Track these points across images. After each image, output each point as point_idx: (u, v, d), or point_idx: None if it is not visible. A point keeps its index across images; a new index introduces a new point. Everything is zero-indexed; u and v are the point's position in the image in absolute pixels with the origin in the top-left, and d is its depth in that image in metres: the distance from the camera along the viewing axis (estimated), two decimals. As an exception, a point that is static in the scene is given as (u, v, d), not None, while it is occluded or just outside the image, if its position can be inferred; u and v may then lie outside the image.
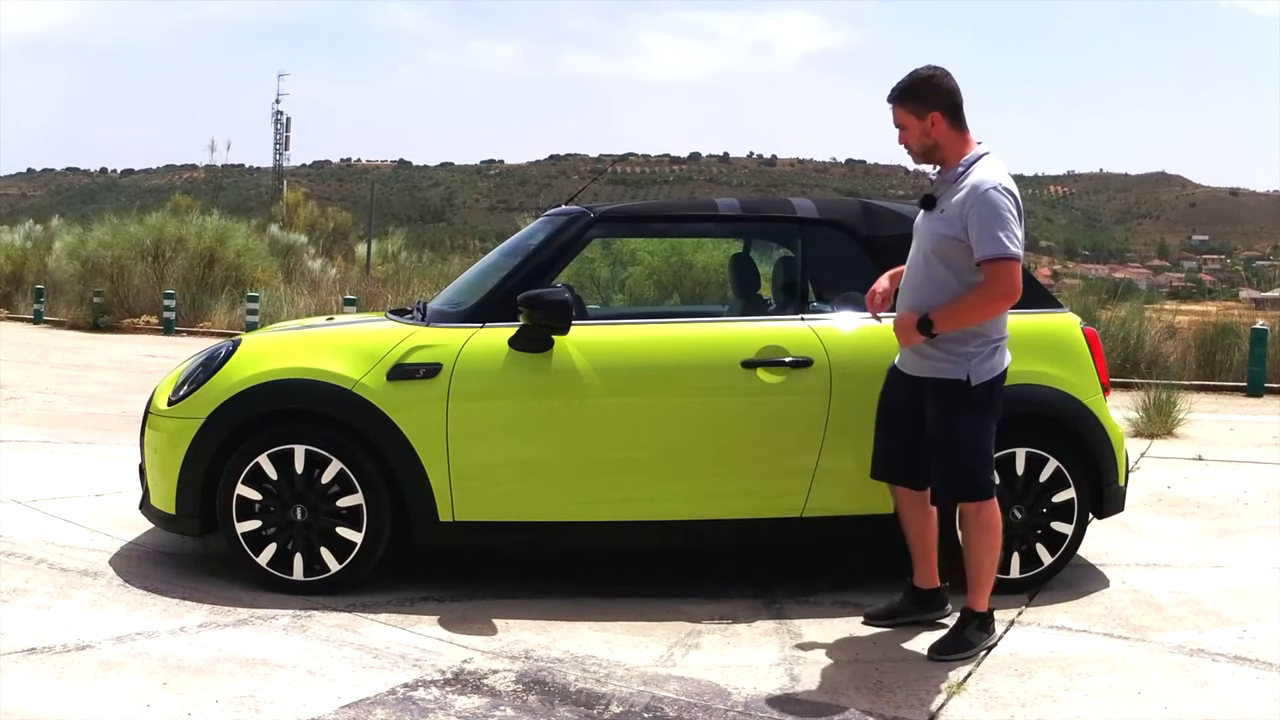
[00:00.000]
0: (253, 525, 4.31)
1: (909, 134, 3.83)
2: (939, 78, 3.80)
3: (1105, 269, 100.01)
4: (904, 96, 3.81)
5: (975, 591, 3.87)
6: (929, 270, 3.80)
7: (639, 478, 4.37)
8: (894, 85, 3.84)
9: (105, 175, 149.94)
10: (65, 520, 5.31)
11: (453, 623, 4.07)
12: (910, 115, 3.80)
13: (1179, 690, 3.57)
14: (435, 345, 4.35)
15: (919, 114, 3.79)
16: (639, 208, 5.42)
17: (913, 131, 3.81)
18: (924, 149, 3.83)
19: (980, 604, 3.87)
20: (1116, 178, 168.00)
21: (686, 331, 4.61)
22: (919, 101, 3.79)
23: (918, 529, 4.07)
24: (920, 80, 3.80)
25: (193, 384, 4.47)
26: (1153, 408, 9.14)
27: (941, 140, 3.79)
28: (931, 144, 3.81)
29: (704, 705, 3.38)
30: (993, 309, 3.71)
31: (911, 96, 3.80)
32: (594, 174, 8.02)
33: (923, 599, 4.12)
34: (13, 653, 3.60)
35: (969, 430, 3.77)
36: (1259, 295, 65.38)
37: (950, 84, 3.80)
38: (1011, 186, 3.72)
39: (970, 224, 3.66)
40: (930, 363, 3.81)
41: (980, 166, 3.75)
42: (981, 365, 3.76)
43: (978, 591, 3.87)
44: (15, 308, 24.07)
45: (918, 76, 3.81)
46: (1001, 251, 3.62)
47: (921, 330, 3.72)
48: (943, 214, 3.76)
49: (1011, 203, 3.68)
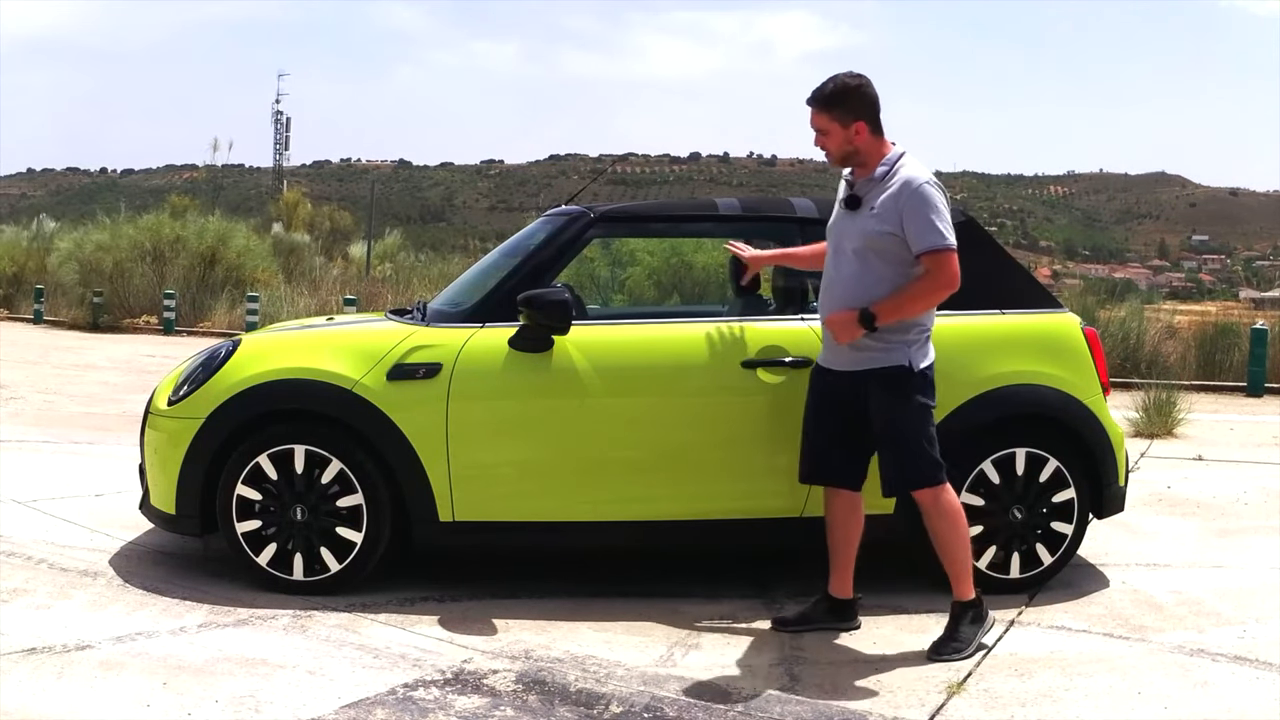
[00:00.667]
0: (253, 525, 4.31)
1: (830, 140, 3.89)
2: (865, 88, 3.87)
3: (1105, 269, 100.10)
4: (830, 104, 3.86)
5: (957, 582, 3.91)
6: (865, 267, 3.84)
7: (639, 478, 4.37)
8: (817, 90, 3.87)
9: (105, 175, 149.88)
10: (65, 520, 5.31)
11: (453, 623, 4.07)
12: (834, 122, 3.87)
13: (1179, 690, 3.57)
14: (435, 345, 4.35)
15: (844, 122, 3.86)
16: (639, 208, 5.42)
17: (835, 138, 3.89)
18: (844, 155, 3.91)
19: (966, 592, 3.91)
20: (1116, 178, 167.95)
21: (686, 332, 4.61)
22: (845, 110, 3.86)
23: (845, 535, 4.09)
24: (849, 90, 3.86)
25: (193, 384, 4.47)
26: (1153, 408, 9.15)
27: (863, 147, 3.88)
28: (852, 150, 3.89)
29: (704, 705, 3.38)
30: (935, 298, 3.84)
31: (838, 105, 3.86)
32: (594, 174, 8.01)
33: (837, 608, 4.13)
34: (13, 653, 3.60)
35: (915, 417, 3.84)
36: (1259, 295, 65.36)
37: (873, 93, 3.89)
38: (938, 182, 3.85)
39: (906, 219, 3.77)
40: (869, 355, 3.85)
41: (906, 165, 3.86)
42: (919, 352, 3.87)
43: (959, 582, 3.91)
44: (16, 308, 24.08)
45: (846, 86, 3.86)
46: (940, 242, 3.75)
47: (864, 324, 3.78)
48: (874, 212, 3.83)
49: (943, 196, 3.83)
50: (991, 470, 4.46)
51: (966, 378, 4.45)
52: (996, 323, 4.63)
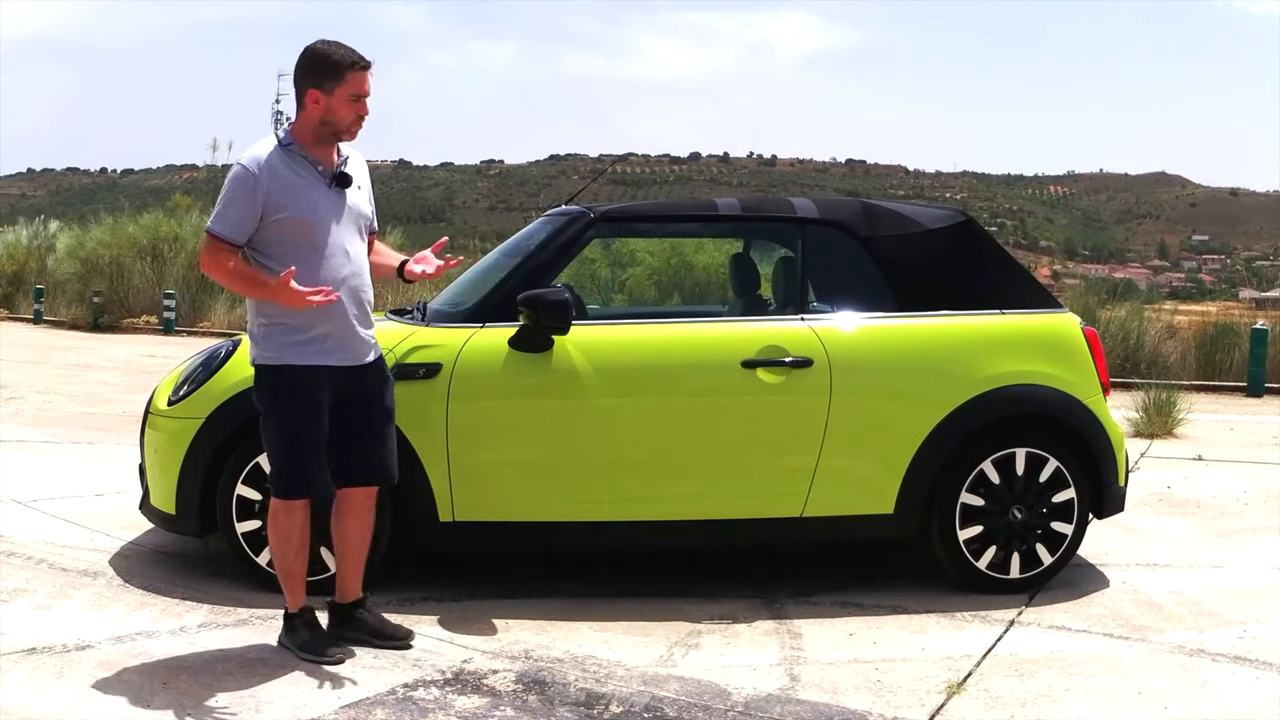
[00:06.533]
0: (253, 525, 4.31)
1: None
2: None
3: (1105, 269, 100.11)
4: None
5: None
6: (364, 248, 3.79)
7: (639, 478, 4.37)
8: (362, 54, 3.62)
9: (105, 175, 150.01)
10: (65, 520, 5.31)
11: (453, 623, 4.07)
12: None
13: (1179, 690, 3.57)
14: (435, 345, 4.35)
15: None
16: (639, 208, 5.42)
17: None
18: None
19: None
20: (1116, 178, 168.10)
21: (686, 331, 4.61)
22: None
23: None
24: None
25: (193, 384, 4.47)
26: (1153, 408, 9.14)
27: None
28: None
29: (704, 705, 3.38)
30: None
31: None
32: (594, 174, 8.02)
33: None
34: (13, 653, 3.60)
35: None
36: (1259, 295, 65.41)
37: None
38: None
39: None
40: (372, 343, 3.78)
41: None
42: None
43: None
44: (16, 308, 24.06)
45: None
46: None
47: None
48: (360, 189, 3.78)
49: None
50: (991, 470, 4.46)
51: (967, 378, 4.46)
52: (997, 323, 4.63)
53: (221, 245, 3.56)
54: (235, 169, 3.57)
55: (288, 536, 3.68)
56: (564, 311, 4.23)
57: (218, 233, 3.55)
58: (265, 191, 3.53)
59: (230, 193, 3.55)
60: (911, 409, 4.43)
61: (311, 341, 3.59)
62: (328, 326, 3.60)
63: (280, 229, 3.56)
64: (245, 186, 3.54)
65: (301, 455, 3.60)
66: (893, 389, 4.46)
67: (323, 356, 3.60)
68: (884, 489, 4.41)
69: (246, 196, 3.53)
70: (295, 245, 3.57)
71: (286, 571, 3.72)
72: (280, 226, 3.56)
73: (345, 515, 3.79)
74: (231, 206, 3.55)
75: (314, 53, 3.61)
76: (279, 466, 3.64)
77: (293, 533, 3.68)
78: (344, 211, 3.68)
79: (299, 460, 3.61)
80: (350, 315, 3.65)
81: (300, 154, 3.62)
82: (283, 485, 3.64)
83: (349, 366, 3.66)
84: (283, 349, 3.59)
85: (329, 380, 3.62)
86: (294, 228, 3.57)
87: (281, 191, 3.55)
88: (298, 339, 3.58)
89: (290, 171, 3.59)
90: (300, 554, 3.72)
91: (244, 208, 3.54)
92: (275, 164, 3.57)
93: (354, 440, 3.70)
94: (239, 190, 3.54)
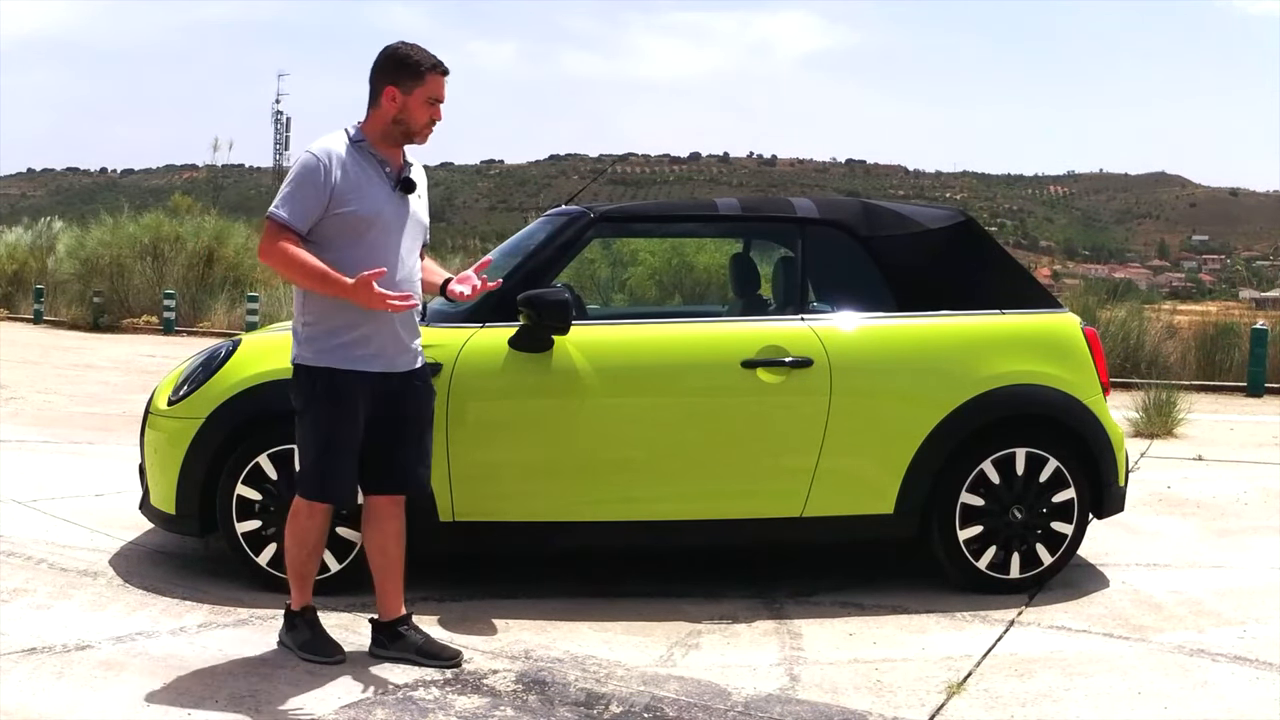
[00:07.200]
0: (253, 525, 4.31)
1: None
2: None
3: (1105, 269, 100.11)
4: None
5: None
6: (418, 257, 3.74)
7: (639, 478, 4.37)
8: (442, 60, 3.62)
9: (105, 175, 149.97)
10: (65, 520, 5.31)
11: (453, 623, 4.07)
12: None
13: (1179, 690, 3.57)
14: (435, 345, 4.34)
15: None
16: (639, 208, 5.43)
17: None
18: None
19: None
20: (1116, 178, 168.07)
21: (686, 331, 4.61)
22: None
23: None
24: None
25: (193, 384, 4.47)
26: (1153, 408, 9.14)
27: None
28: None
29: (704, 705, 3.38)
30: None
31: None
32: (594, 174, 8.02)
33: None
34: (13, 653, 3.60)
35: None
36: (1259, 295, 65.43)
37: None
38: None
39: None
40: (418, 351, 3.72)
41: None
42: None
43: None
44: (16, 308, 24.06)
45: None
46: None
47: None
48: (420, 198, 3.73)
49: None
50: (991, 470, 4.47)
51: (967, 377, 4.46)
52: (996, 323, 4.63)
53: (284, 232, 3.46)
54: (305, 156, 3.50)
55: (304, 538, 3.66)
56: (564, 311, 4.22)
57: (282, 218, 3.46)
58: (334, 182, 3.47)
59: (298, 179, 3.47)
60: (911, 409, 4.44)
61: (355, 345, 3.52)
62: (373, 332, 3.54)
63: (342, 223, 3.49)
64: (315, 174, 3.46)
65: (332, 459, 3.55)
66: (893, 389, 4.46)
67: (364, 363, 3.53)
68: (884, 489, 4.41)
69: (316, 184, 3.46)
70: (354, 242, 3.50)
71: (296, 570, 3.70)
72: (343, 220, 3.49)
73: (373, 524, 3.71)
74: (299, 193, 3.47)
75: (395, 53, 3.58)
76: (307, 467, 3.60)
77: (310, 535, 3.66)
78: (405, 216, 3.63)
79: (329, 464, 3.55)
80: (396, 323, 3.58)
81: (370, 151, 3.57)
82: (308, 486, 3.61)
83: (390, 373, 3.60)
84: (324, 352, 3.52)
85: (368, 386, 3.54)
86: (356, 223, 3.50)
87: (349, 185, 3.49)
88: (341, 341, 3.51)
89: (358, 167, 3.53)
90: (314, 556, 3.71)
91: (312, 196, 3.46)
92: (345, 157, 3.52)
93: (388, 448, 3.64)
94: (309, 177, 3.47)
